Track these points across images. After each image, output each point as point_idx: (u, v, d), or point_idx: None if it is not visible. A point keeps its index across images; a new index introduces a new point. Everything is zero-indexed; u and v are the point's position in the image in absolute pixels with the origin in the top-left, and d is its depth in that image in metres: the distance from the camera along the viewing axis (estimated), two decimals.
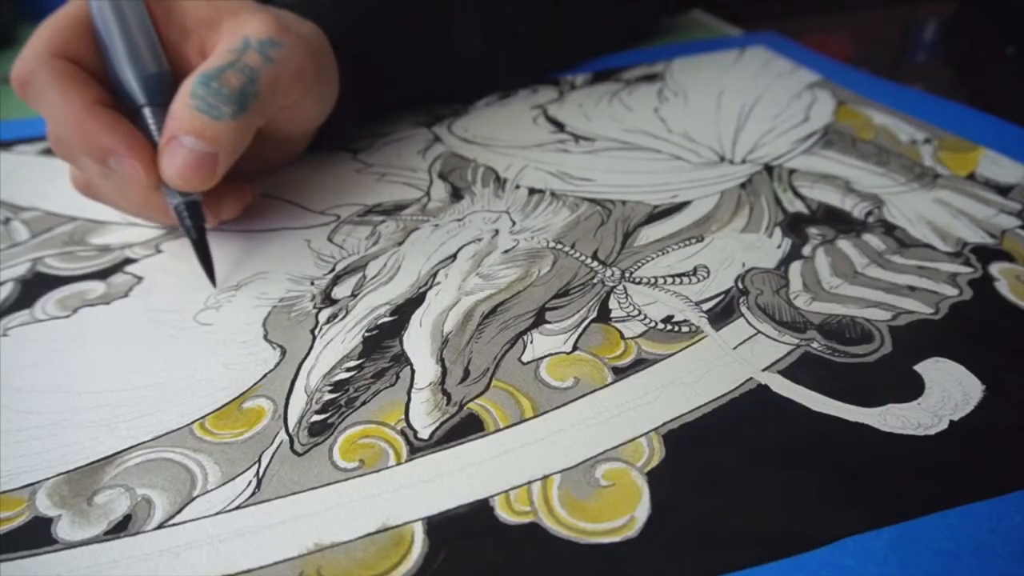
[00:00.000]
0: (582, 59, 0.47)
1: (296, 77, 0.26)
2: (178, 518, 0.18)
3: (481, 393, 0.21)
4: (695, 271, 0.26)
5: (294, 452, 0.20)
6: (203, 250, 0.26)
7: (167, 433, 0.20)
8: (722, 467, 0.19)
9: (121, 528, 0.18)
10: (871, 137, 0.36)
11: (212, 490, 0.19)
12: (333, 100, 0.31)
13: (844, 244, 0.27)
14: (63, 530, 0.18)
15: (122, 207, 0.28)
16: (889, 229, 0.28)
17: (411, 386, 0.22)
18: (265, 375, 0.22)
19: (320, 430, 0.20)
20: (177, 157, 0.24)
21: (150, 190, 0.25)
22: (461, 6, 0.38)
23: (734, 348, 0.23)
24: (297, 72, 0.27)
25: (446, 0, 0.37)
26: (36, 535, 0.18)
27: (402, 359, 0.23)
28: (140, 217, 0.29)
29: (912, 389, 0.21)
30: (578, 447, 0.19)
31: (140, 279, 0.27)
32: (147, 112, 0.25)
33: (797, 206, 0.30)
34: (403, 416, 0.21)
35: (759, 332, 0.23)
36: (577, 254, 0.27)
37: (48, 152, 0.38)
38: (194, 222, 0.26)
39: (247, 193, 0.29)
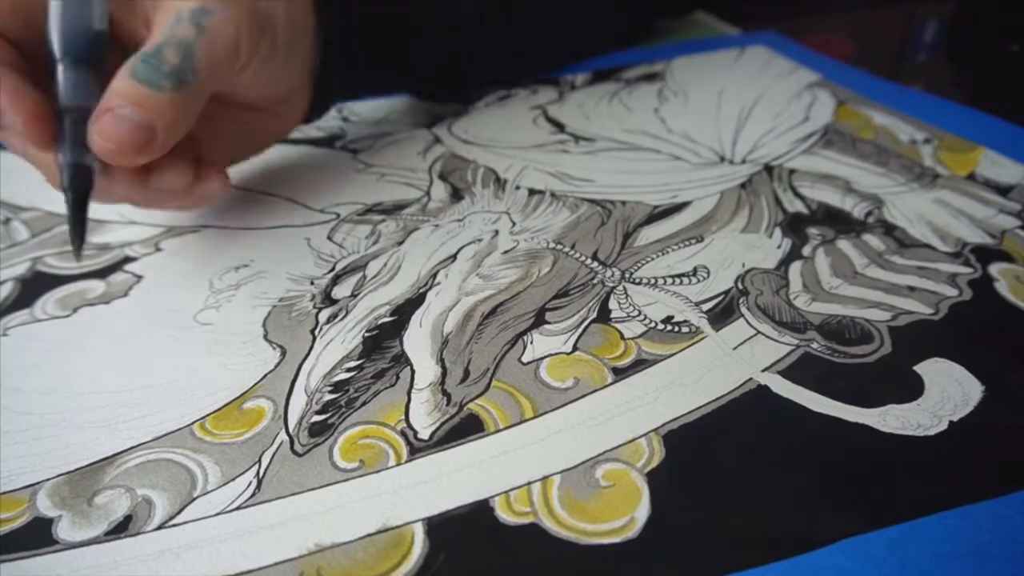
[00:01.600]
0: (579, 58, 0.46)
1: (235, 44, 0.25)
2: (178, 519, 0.18)
3: (481, 393, 0.21)
4: (695, 271, 0.26)
5: (294, 452, 0.20)
6: (79, 218, 0.24)
7: (167, 434, 0.20)
8: (722, 467, 0.19)
9: (121, 529, 0.18)
10: (871, 137, 0.36)
11: (212, 491, 0.19)
12: (302, 61, 0.29)
13: (844, 244, 0.27)
14: (63, 531, 0.18)
15: (27, 159, 0.26)
16: (889, 229, 0.28)
17: (411, 386, 0.22)
18: (265, 375, 0.22)
19: (320, 430, 0.20)
20: (111, 126, 0.23)
21: (36, 150, 0.24)
22: None
23: (734, 348, 0.23)
24: (235, 39, 0.25)
25: None
26: (36, 536, 0.18)
27: (402, 359, 0.23)
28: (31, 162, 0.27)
29: (912, 389, 0.21)
30: (578, 448, 0.19)
31: (140, 278, 0.27)
32: (60, 68, 0.24)
33: (797, 206, 0.30)
34: (403, 416, 0.21)
35: (759, 332, 0.23)
36: (577, 254, 0.27)
37: None
38: (76, 185, 0.24)
39: (215, 177, 0.28)
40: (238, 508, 0.18)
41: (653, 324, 0.24)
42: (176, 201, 0.27)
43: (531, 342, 0.23)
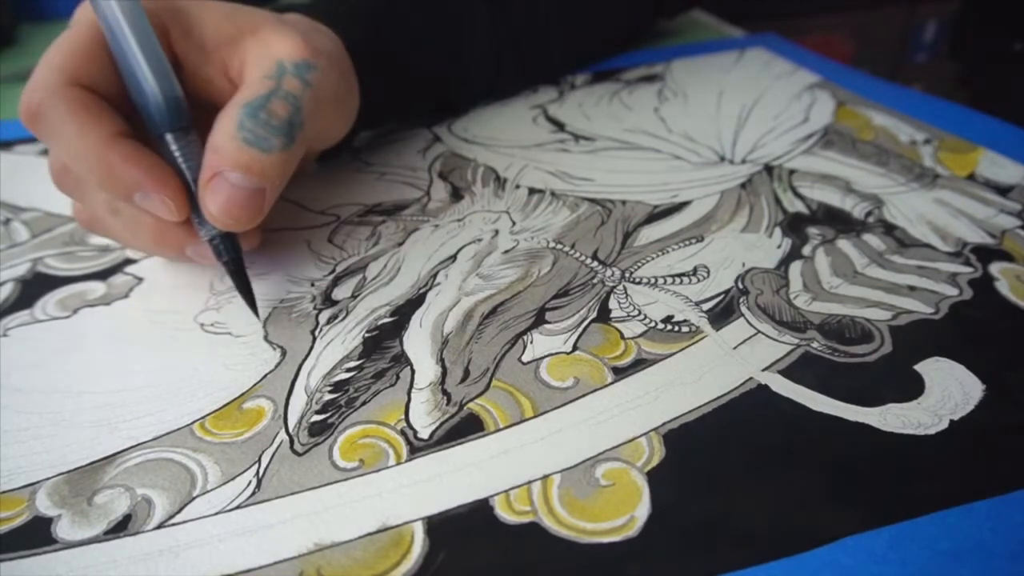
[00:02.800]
0: (581, 64, 0.46)
1: (333, 100, 0.26)
2: (178, 518, 0.18)
3: (481, 393, 0.21)
4: (695, 271, 0.26)
5: (294, 452, 0.20)
6: (243, 282, 0.24)
7: (167, 433, 0.20)
8: (722, 467, 0.19)
9: (121, 528, 0.18)
10: (871, 137, 0.36)
11: (212, 490, 0.19)
12: (355, 114, 0.30)
13: (844, 244, 0.27)
14: (63, 530, 0.18)
15: (132, 243, 0.26)
16: (889, 229, 0.28)
17: (411, 386, 0.22)
18: (265, 375, 0.22)
19: (320, 430, 0.20)
20: (222, 194, 0.22)
21: (177, 225, 0.24)
22: (472, 18, 0.36)
23: (734, 348, 0.23)
24: (334, 94, 0.26)
25: (460, 11, 0.36)
26: (36, 535, 0.18)
27: (402, 359, 0.23)
28: (151, 252, 0.27)
29: (912, 389, 0.21)
30: (578, 447, 0.19)
31: (140, 280, 0.27)
32: (170, 139, 0.23)
33: (797, 206, 0.30)
34: (403, 416, 0.21)
35: (759, 332, 0.23)
36: (577, 254, 0.27)
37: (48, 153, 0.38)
38: (231, 255, 0.24)
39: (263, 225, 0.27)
40: (238, 507, 0.18)
41: (653, 324, 0.24)
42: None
43: (531, 342, 0.23)
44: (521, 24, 0.39)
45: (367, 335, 0.24)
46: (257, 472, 0.19)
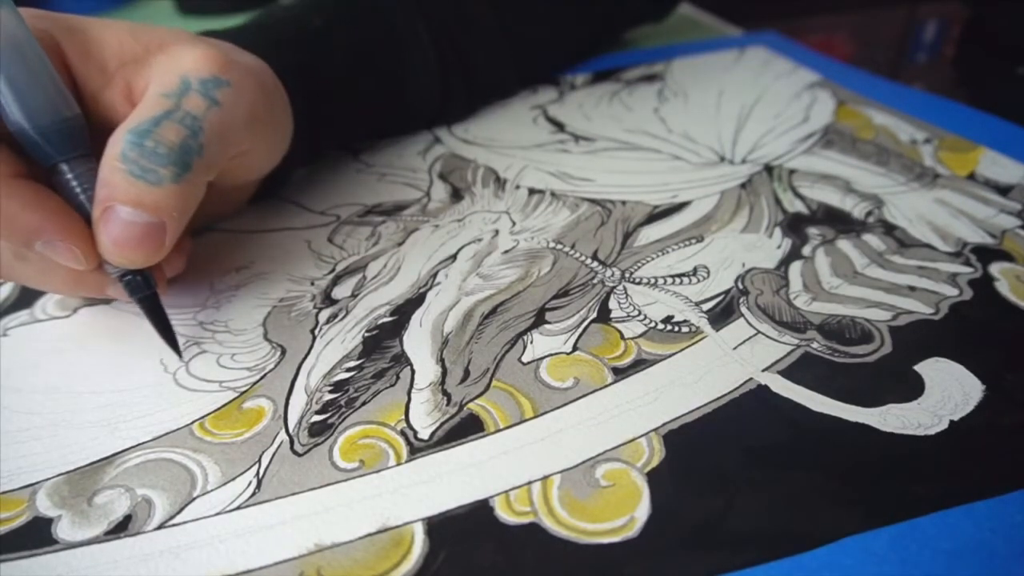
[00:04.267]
0: (539, 78, 0.44)
1: (249, 120, 0.23)
2: (178, 518, 0.18)
3: (481, 393, 0.21)
4: (695, 271, 0.26)
5: (294, 452, 0.20)
6: (160, 320, 0.22)
7: (167, 433, 0.20)
8: (722, 467, 0.19)
9: (121, 528, 0.18)
10: (871, 137, 0.36)
11: (212, 490, 0.19)
12: (288, 141, 0.28)
13: (844, 244, 0.27)
14: (63, 530, 0.18)
15: (46, 287, 0.24)
16: (889, 229, 0.28)
17: (411, 386, 0.22)
18: (265, 375, 0.22)
19: (320, 430, 0.20)
20: (115, 230, 0.20)
21: (93, 269, 0.21)
22: (416, 46, 0.34)
23: (734, 348, 0.23)
24: (250, 114, 0.23)
25: (401, 41, 0.34)
26: (36, 535, 0.18)
27: (402, 359, 0.23)
28: (70, 295, 0.25)
29: (912, 389, 0.21)
30: (578, 447, 0.19)
31: None
32: (64, 168, 0.21)
33: (797, 206, 0.30)
34: (403, 416, 0.21)
35: (759, 332, 0.23)
36: (577, 254, 0.27)
37: None
38: (144, 291, 0.22)
39: (187, 244, 0.26)
40: (238, 508, 0.18)
41: (653, 324, 0.24)
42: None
43: (531, 342, 0.23)
44: (468, 45, 0.37)
45: (367, 335, 0.24)
46: (257, 472, 0.19)
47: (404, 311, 0.25)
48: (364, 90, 0.33)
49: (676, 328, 0.24)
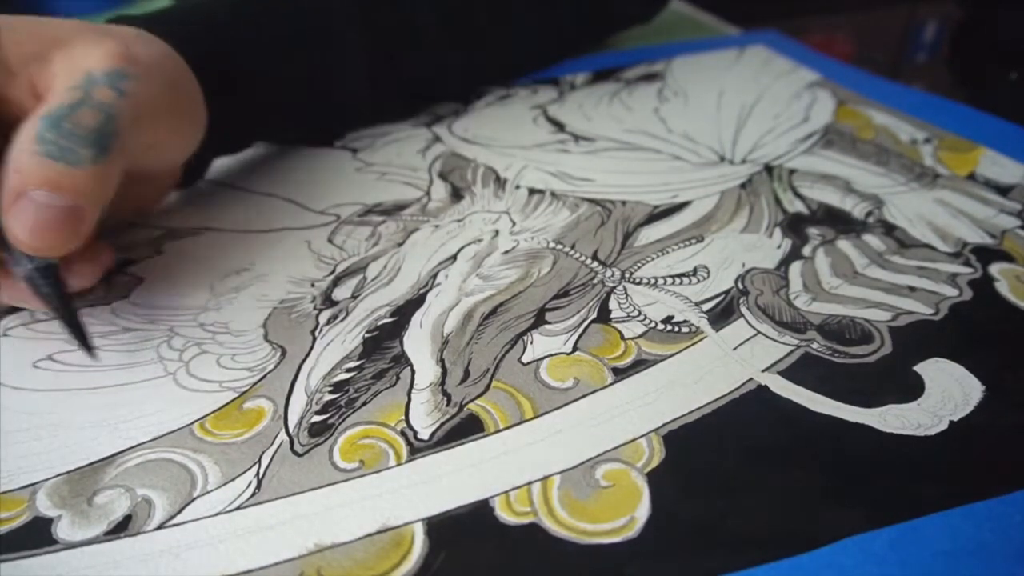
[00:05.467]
0: (493, 82, 0.43)
1: (155, 111, 0.23)
2: (178, 518, 0.18)
3: (481, 394, 0.21)
4: (695, 271, 0.26)
5: (294, 453, 0.20)
6: (71, 319, 0.22)
7: (167, 433, 0.20)
8: (722, 467, 0.19)
9: (121, 528, 0.18)
10: (871, 137, 0.36)
11: (212, 490, 0.19)
12: (201, 130, 0.28)
13: (844, 244, 0.27)
14: (63, 530, 0.18)
15: None
16: (889, 229, 0.28)
17: (411, 387, 0.22)
18: (265, 375, 0.22)
19: (320, 431, 0.20)
20: (29, 215, 0.20)
21: None
22: (339, 40, 0.34)
23: (734, 349, 0.23)
24: (156, 105, 0.23)
25: (322, 35, 0.33)
26: (36, 535, 0.18)
27: (402, 360, 0.23)
28: None
29: (912, 389, 0.21)
30: (578, 448, 0.19)
31: (141, 280, 0.27)
32: None
33: (797, 206, 0.30)
34: (403, 417, 0.21)
35: (759, 332, 0.23)
36: (577, 254, 0.27)
37: None
38: (53, 290, 0.21)
39: (105, 254, 0.25)
40: (238, 508, 0.18)
41: (653, 324, 0.24)
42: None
43: (531, 342, 0.23)
44: (399, 44, 0.36)
45: (367, 335, 0.24)
46: (257, 473, 0.19)
47: (404, 312, 0.25)
48: (286, 79, 0.33)
49: (676, 328, 0.24)
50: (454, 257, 0.28)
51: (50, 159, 0.20)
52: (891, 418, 0.20)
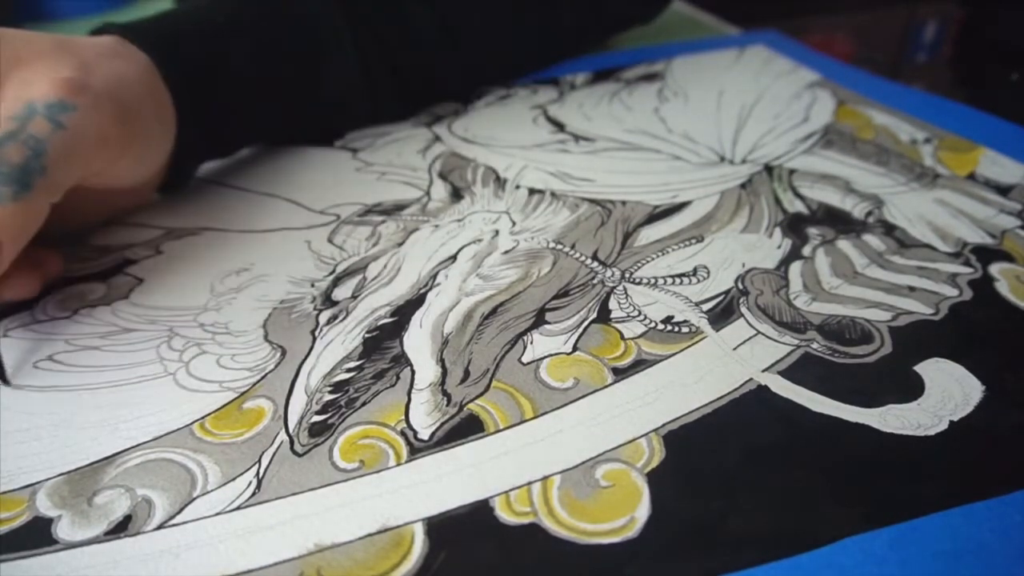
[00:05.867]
0: (492, 82, 0.43)
1: (99, 141, 0.23)
2: (178, 518, 0.18)
3: (481, 394, 0.21)
4: (695, 271, 0.26)
5: (294, 453, 0.20)
6: None
7: (167, 433, 0.20)
8: (722, 467, 0.19)
9: (121, 528, 0.18)
10: (871, 137, 0.36)
11: (212, 491, 0.19)
12: (165, 145, 0.28)
13: (844, 244, 0.27)
14: (63, 530, 0.18)
15: None
16: (889, 229, 0.28)
17: (411, 387, 0.22)
18: (265, 375, 0.22)
19: (320, 431, 0.20)
20: None
21: None
22: (335, 43, 0.34)
23: (734, 349, 0.23)
24: (99, 136, 0.23)
25: (317, 38, 0.33)
26: (36, 535, 0.18)
27: (402, 360, 0.23)
28: None
29: (912, 389, 0.21)
30: (578, 448, 0.19)
31: (141, 280, 0.27)
32: None
33: (797, 206, 0.30)
34: (403, 417, 0.21)
35: (759, 333, 0.23)
36: (577, 254, 0.27)
37: None
38: None
39: (49, 264, 0.26)
40: (238, 508, 0.18)
41: (653, 324, 0.24)
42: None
43: (531, 342, 0.23)
44: (396, 45, 0.36)
45: (367, 335, 0.24)
46: (257, 473, 0.19)
47: (404, 312, 0.25)
48: (275, 85, 0.33)
49: (676, 328, 0.24)
50: (454, 257, 0.28)
51: None
52: (891, 418, 0.20)
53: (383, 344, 0.23)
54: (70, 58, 0.24)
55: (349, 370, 0.22)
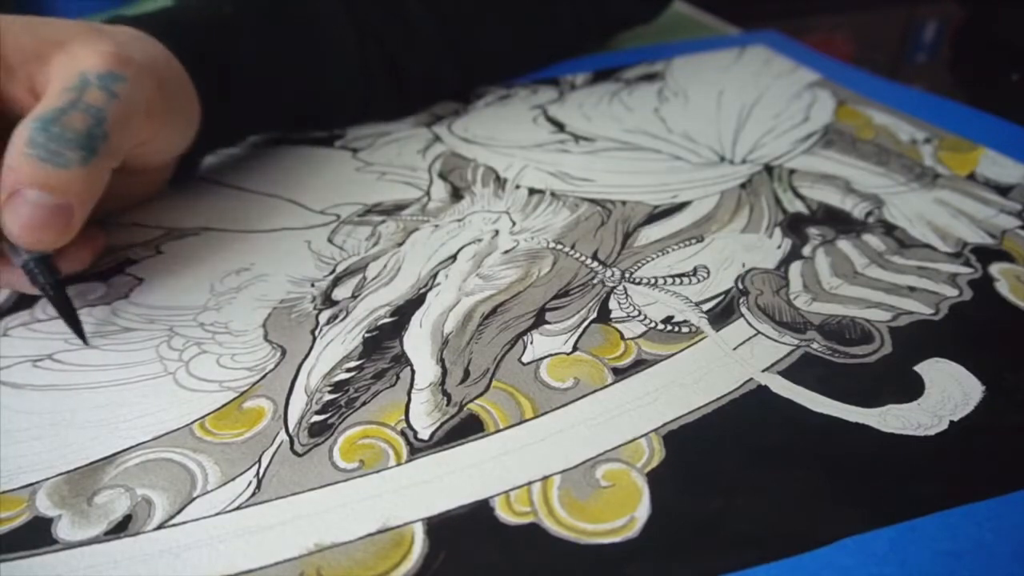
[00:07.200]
0: (492, 81, 0.44)
1: (147, 112, 0.24)
2: (178, 518, 0.18)
3: (481, 394, 0.21)
4: (695, 271, 0.26)
5: (294, 452, 0.20)
6: (66, 307, 0.23)
7: (167, 433, 0.20)
8: (722, 467, 0.19)
9: (121, 528, 0.18)
10: (871, 137, 0.36)
11: (212, 490, 0.19)
12: (194, 127, 0.29)
13: (844, 244, 0.27)
14: (63, 530, 0.18)
15: None
16: (889, 229, 0.28)
17: (411, 387, 0.22)
18: (265, 375, 0.22)
19: (320, 430, 0.20)
20: (22, 213, 0.21)
21: None
22: (334, 34, 0.35)
23: (734, 349, 0.23)
24: (147, 106, 0.24)
25: (316, 30, 0.34)
26: (36, 535, 0.18)
27: (402, 360, 0.23)
28: None
29: (912, 389, 0.21)
30: (578, 448, 0.19)
31: (140, 280, 0.27)
32: None
33: (797, 206, 0.30)
34: (403, 417, 0.21)
35: (759, 333, 0.23)
36: (577, 254, 0.27)
37: None
38: (47, 279, 0.23)
39: (98, 239, 0.27)
40: (238, 508, 0.18)
41: (653, 324, 0.24)
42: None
43: (531, 342, 0.23)
44: (395, 40, 0.37)
45: (367, 335, 0.24)
46: (257, 472, 0.19)
47: (404, 312, 0.25)
48: (278, 77, 0.33)
49: (676, 328, 0.23)
50: (454, 257, 0.28)
51: (40, 161, 0.21)
52: (891, 418, 0.20)
53: (383, 344, 0.23)
54: (108, 37, 0.25)
55: (349, 370, 0.22)
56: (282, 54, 0.33)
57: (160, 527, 0.18)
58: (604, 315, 0.24)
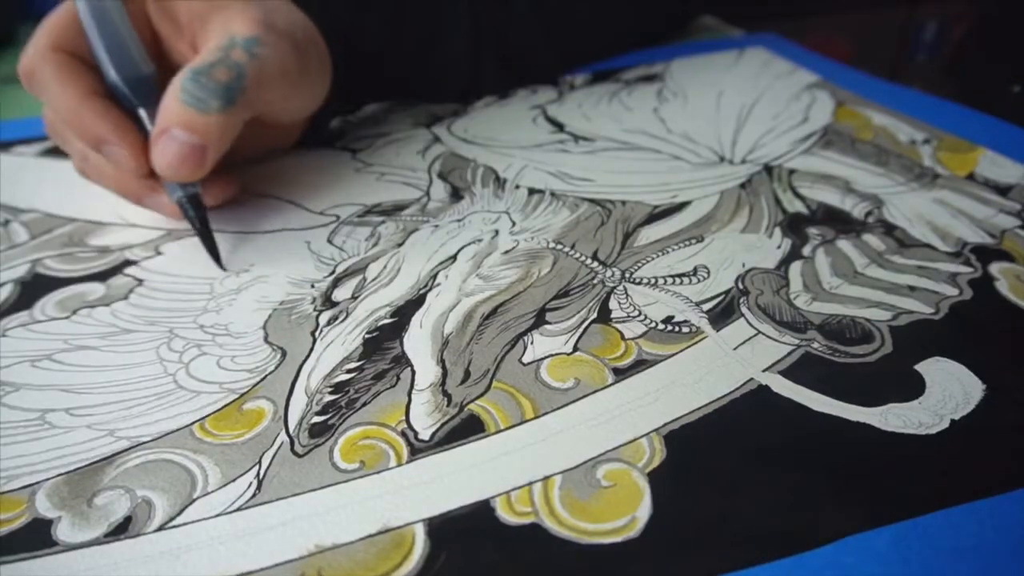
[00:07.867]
0: (576, 66, 0.46)
1: (281, 73, 0.28)
2: (178, 520, 0.18)
3: (482, 394, 0.21)
4: (695, 271, 0.26)
5: (295, 453, 0.20)
6: (208, 239, 0.28)
7: (167, 434, 0.20)
8: (723, 467, 0.19)
9: (121, 530, 0.18)
10: (870, 137, 0.36)
11: (212, 491, 0.19)
12: (324, 91, 0.32)
13: (844, 244, 0.27)
14: (63, 532, 0.18)
15: (119, 191, 0.29)
16: (889, 229, 0.28)
17: (411, 387, 0.22)
18: (265, 376, 0.22)
19: (320, 431, 0.20)
20: (168, 149, 0.25)
21: (140, 177, 0.27)
22: (452, 12, 0.38)
23: (734, 348, 0.23)
24: (281, 68, 0.27)
25: (438, 5, 0.38)
26: (36, 537, 0.18)
27: (402, 360, 0.23)
28: (133, 201, 0.29)
29: (913, 389, 0.21)
30: (579, 448, 0.19)
31: (140, 281, 0.27)
32: (143, 114, 0.27)
33: (797, 206, 0.30)
34: (404, 417, 0.21)
35: (759, 332, 0.23)
36: (577, 254, 0.27)
37: (47, 153, 0.38)
38: (197, 213, 0.27)
39: (230, 184, 0.30)
40: (238, 509, 0.18)
41: (653, 324, 0.24)
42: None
43: (531, 342, 0.23)
44: (502, 21, 0.40)
45: (367, 336, 0.24)
46: (257, 473, 0.19)
47: (404, 312, 0.25)
48: (399, 50, 0.37)
49: (676, 328, 0.23)
50: (454, 257, 0.28)
51: (187, 106, 0.25)
52: (892, 417, 0.20)
53: (383, 345, 0.23)
54: (259, 4, 0.28)
55: (349, 371, 0.22)
56: (404, 28, 0.36)
57: (160, 528, 0.18)
58: (604, 315, 0.24)
